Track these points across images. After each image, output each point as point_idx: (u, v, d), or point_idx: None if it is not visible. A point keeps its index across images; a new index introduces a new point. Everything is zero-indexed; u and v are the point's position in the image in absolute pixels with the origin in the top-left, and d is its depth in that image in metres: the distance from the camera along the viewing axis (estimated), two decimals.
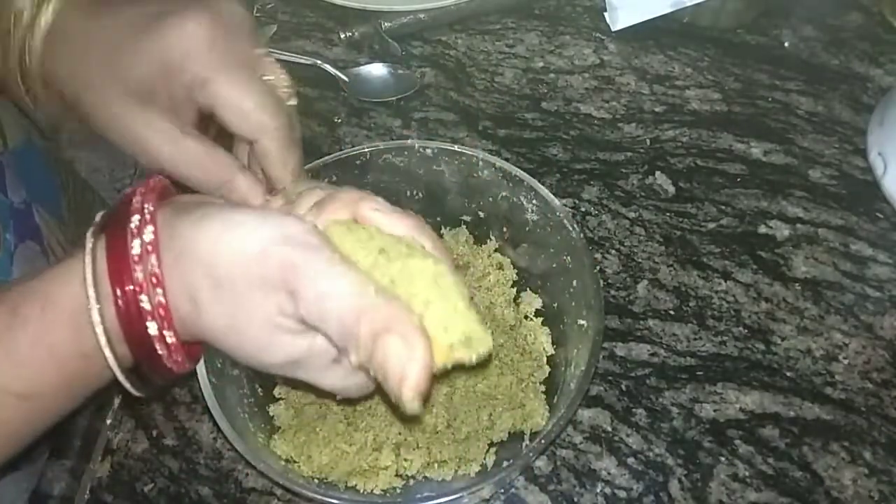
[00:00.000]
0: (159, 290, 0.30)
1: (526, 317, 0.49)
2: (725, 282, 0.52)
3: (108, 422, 0.47)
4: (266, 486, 0.45)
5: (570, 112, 0.63)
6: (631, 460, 0.45)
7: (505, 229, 0.50)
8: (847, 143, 0.59)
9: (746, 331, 0.50)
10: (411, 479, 0.43)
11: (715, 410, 0.46)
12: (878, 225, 0.55)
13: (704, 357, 0.49)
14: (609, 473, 0.44)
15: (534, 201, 0.47)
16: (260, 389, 0.45)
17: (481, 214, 0.50)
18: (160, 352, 0.31)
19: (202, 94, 0.36)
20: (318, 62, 0.64)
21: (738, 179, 0.58)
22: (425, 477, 0.43)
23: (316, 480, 0.42)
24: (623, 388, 0.47)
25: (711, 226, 0.55)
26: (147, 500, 0.44)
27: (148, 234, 0.30)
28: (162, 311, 0.30)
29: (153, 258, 0.29)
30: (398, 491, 0.43)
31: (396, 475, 0.43)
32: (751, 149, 0.59)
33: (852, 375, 0.47)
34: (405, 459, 0.43)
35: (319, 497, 0.37)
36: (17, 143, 0.55)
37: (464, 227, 0.51)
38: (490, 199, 0.49)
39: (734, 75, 0.64)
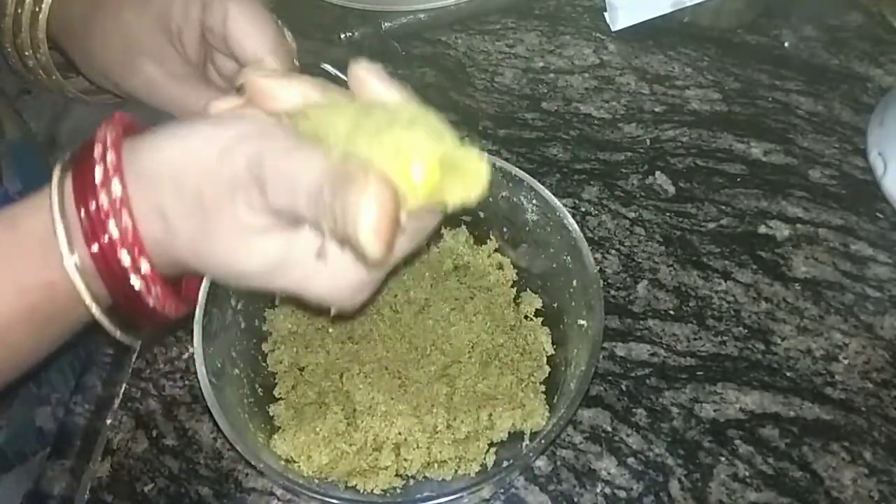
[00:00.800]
0: (125, 213, 0.29)
1: (526, 317, 0.49)
2: (725, 282, 0.52)
3: (108, 422, 0.47)
4: (266, 486, 0.45)
5: (570, 112, 0.63)
6: (631, 460, 0.45)
7: (505, 229, 0.50)
8: (847, 143, 0.59)
9: (746, 331, 0.50)
10: (411, 479, 0.43)
11: (715, 410, 0.46)
12: (878, 225, 0.55)
13: (704, 357, 0.49)
14: (609, 473, 0.44)
15: (534, 201, 0.47)
16: (260, 389, 0.46)
17: (481, 214, 0.50)
18: (137, 286, 0.29)
19: (217, 10, 0.38)
20: (319, 62, 0.64)
21: (738, 179, 0.58)
22: (425, 477, 0.43)
23: (316, 480, 0.42)
24: (623, 388, 0.47)
25: (711, 226, 0.55)
26: (147, 500, 0.44)
27: (110, 158, 0.29)
28: (131, 237, 0.29)
29: (116, 180, 0.29)
30: (398, 491, 0.43)
31: (396, 475, 0.43)
32: (751, 149, 0.59)
33: (852, 375, 0.47)
34: (405, 459, 0.43)
35: (319, 497, 0.37)
36: (14, 137, 0.56)
37: (464, 227, 0.51)
38: (490, 199, 0.49)
39: (734, 75, 0.64)
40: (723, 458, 0.45)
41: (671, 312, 0.51)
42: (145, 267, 0.29)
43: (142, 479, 0.45)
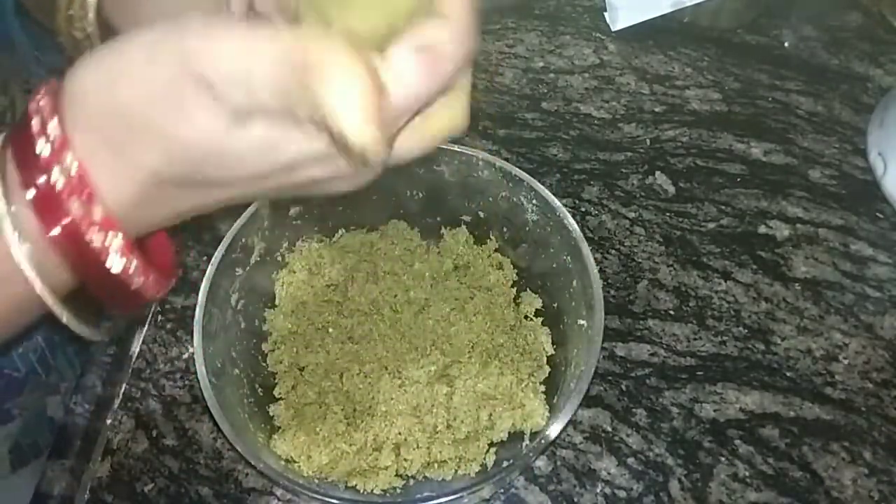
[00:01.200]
0: (68, 156, 0.25)
1: (526, 317, 0.49)
2: (725, 282, 0.52)
3: (108, 422, 0.47)
4: (266, 486, 0.45)
5: (570, 112, 0.63)
6: (631, 460, 0.45)
7: (505, 229, 0.50)
8: (847, 143, 0.59)
9: (746, 331, 0.50)
10: (411, 479, 0.43)
11: (715, 410, 0.46)
12: (878, 225, 0.55)
13: (704, 357, 0.49)
14: (609, 473, 0.44)
15: (534, 201, 0.47)
16: (260, 389, 0.46)
17: (481, 214, 0.50)
18: (91, 240, 0.26)
19: None
20: None
21: (738, 179, 0.58)
22: (425, 477, 0.43)
23: (316, 480, 0.42)
24: (623, 388, 0.47)
25: (711, 226, 0.55)
26: (147, 500, 0.44)
27: (44, 102, 0.26)
28: (76, 177, 0.25)
29: (54, 121, 0.25)
30: (398, 491, 0.43)
31: (396, 475, 0.43)
32: (751, 149, 0.59)
33: (852, 375, 0.48)
34: (405, 459, 0.43)
35: (319, 497, 0.37)
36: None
37: (464, 227, 0.51)
38: (490, 199, 0.49)
39: (734, 75, 0.64)
40: (723, 458, 0.45)
41: (671, 312, 0.51)
42: (98, 214, 0.26)
43: (142, 479, 0.45)
